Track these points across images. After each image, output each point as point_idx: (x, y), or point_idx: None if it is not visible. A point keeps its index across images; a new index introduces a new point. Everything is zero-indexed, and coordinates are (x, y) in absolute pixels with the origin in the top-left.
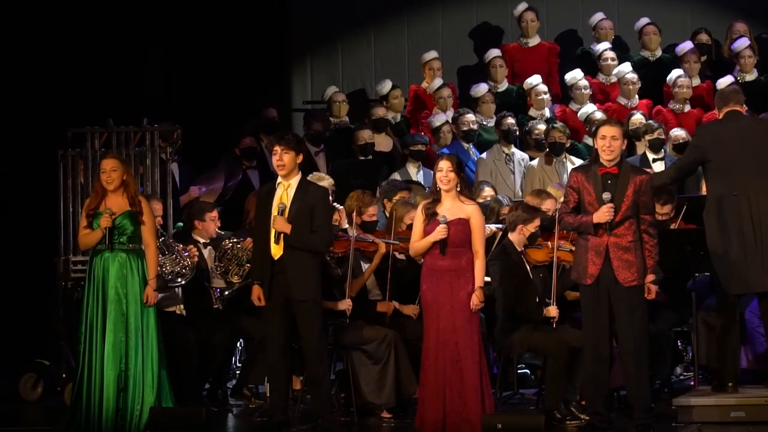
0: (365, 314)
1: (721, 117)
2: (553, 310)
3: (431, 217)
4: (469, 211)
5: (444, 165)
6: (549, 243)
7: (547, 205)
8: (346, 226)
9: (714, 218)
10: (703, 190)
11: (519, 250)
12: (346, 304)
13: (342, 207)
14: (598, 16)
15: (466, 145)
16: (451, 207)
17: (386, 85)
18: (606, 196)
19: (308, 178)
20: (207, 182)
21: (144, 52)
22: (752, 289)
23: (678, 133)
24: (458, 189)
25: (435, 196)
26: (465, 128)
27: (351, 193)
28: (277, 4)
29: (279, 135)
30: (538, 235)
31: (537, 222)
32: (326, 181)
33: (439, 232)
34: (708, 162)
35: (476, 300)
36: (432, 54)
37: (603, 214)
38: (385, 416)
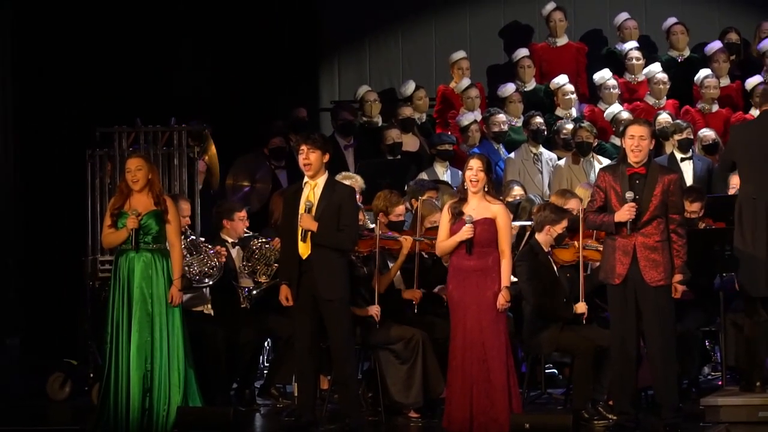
0: (393, 312)
1: (757, 115)
2: (581, 307)
3: (457, 217)
4: (496, 210)
5: (474, 164)
6: (575, 242)
7: (571, 205)
8: (372, 225)
9: (738, 219)
10: (730, 188)
11: (546, 250)
12: (374, 310)
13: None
14: (623, 15)
15: (496, 145)
16: (478, 207)
17: (410, 86)
18: (629, 195)
19: (337, 177)
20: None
21: (173, 51)
22: (763, 293)
23: (707, 133)
24: (485, 189)
25: (461, 195)
26: (496, 129)
27: (378, 192)
28: (305, 4)
29: (305, 134)
30: (565, 236)
31: (564, 223)
32: (355, 180)
33: (466, 232)
34: (736, 162)
35: (503, 300)
36: (460, 54)
37: (624, 213)
38: (412, 416)
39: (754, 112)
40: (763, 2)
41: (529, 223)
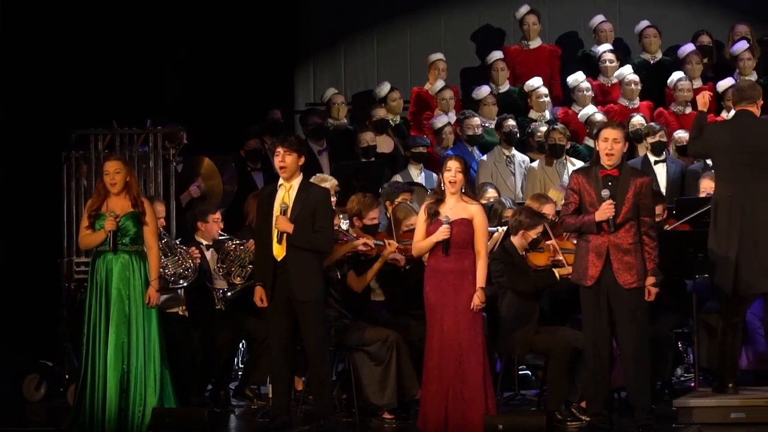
0: (368, 315)
1: (732, 114)
2: (569, 268)
3: (434, 217)
4: (473, 211)
5: (453, 165)
6: (551, 245)
7: (546, 210)
8: (345, 227)
9: (714, 219)
10: (701, 192)
11: (520, 254)
12: (366, 239)
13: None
14: (598, 18)
15: (470, 148)
16: (455, 207)
17: (385, 87)
18: (605, 193)
19: (312, 179)
20: (195, 172)
21: (148, 54)
22: (742, 292)
23: (681, 135)
24: (463, 190)
25: (438, 196)
26: (470, 132)
27: (352, 196)
28: (281, 7)
29: (282, 137)
30: (540, 240)
31: (540, 228)
32: (330, 182)
33: (442, 232)
34: (712, 162)
35: (477, 300)
36: (438, 55)
37: (603, 212)
38: (386, 417)
39: (725, 115)
40: (735, 5)
41: (504, 228)
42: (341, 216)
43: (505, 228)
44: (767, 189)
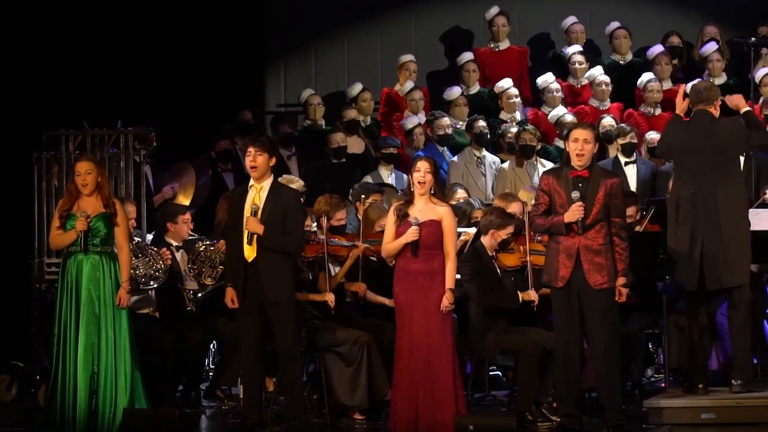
0: (339, 315)
1: (692, 115)
2: (531, 294)
3: (403, 219)
4: (441, 212)
5: (422, 166)
6: (521, 247)
7: (513, 208)
8: (314, 228)
9: (673, 217)
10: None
11: (490, 254)
12: (329, 297)
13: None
14: (570, 19)
15: (440, 148)
16: (424, 208)
17: (356, 88)
18: (575, 194)
19: (279, 179)
20: (177, 177)
21: (119, 55)
22: (708, 288)
23: (653, 136)
24: (432, 191)
25: (407, 198)
26: (440, 132)
27: (319, 197)
28: (251, 8)
29: (254, 136)
30: (510, 241)
31: (510, 229)
32: (296, 183)
33: (411, 234)
34: (672, 161)
35: (446, 301)
36: (409, 57)
37: (573, 213)
38: (357, 418)
39: None
40: (705, 7)
41: (472, 229)
42: (312, 217)
43: (474, 229)
44: (727, 188)
